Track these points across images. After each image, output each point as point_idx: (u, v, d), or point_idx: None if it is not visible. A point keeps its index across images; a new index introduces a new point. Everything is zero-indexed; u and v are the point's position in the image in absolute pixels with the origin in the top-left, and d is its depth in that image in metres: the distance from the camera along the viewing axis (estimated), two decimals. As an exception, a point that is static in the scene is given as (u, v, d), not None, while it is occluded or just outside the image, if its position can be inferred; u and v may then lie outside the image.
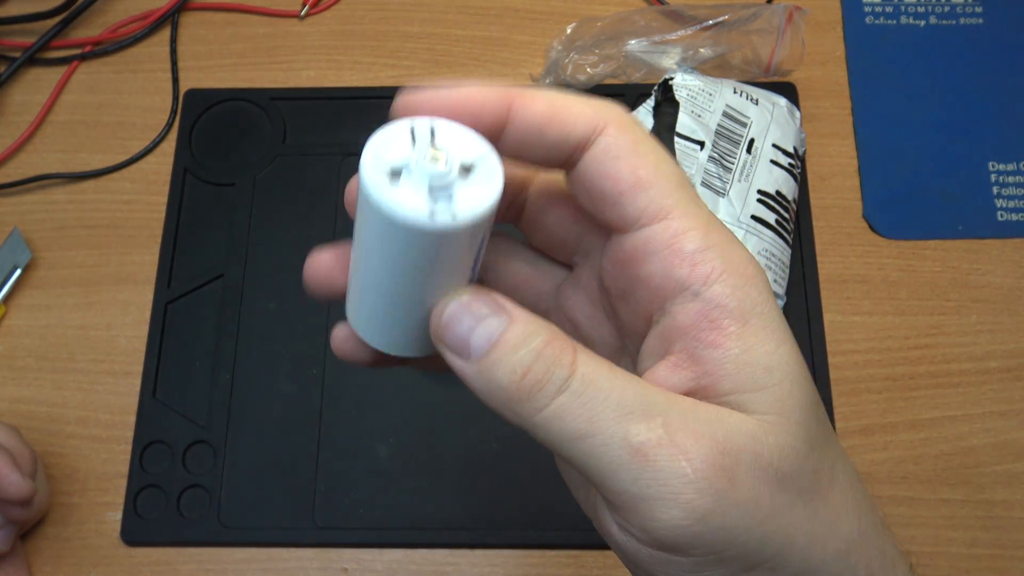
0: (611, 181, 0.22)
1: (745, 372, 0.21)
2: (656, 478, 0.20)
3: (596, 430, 0.20)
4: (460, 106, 0.22)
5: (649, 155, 0.22)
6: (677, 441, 0.20)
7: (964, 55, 0.58)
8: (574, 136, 0.22)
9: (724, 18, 0.56)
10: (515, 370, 0.20)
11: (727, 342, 0.21)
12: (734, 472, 0.20)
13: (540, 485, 0.48)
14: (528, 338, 0.21)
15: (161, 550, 0.48)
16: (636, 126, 0.22)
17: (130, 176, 0.57)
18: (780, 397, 0.21)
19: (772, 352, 0.21)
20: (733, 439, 0.20)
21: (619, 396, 0.20)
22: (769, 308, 0.22)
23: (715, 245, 0.22)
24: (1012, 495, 0.48)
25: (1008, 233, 0.54)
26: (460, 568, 0.47)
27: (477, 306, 0.21)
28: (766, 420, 0.21)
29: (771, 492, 0.21)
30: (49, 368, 0.52)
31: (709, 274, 0.21)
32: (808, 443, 0.21)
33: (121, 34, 0.60)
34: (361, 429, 0.50)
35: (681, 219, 0.22)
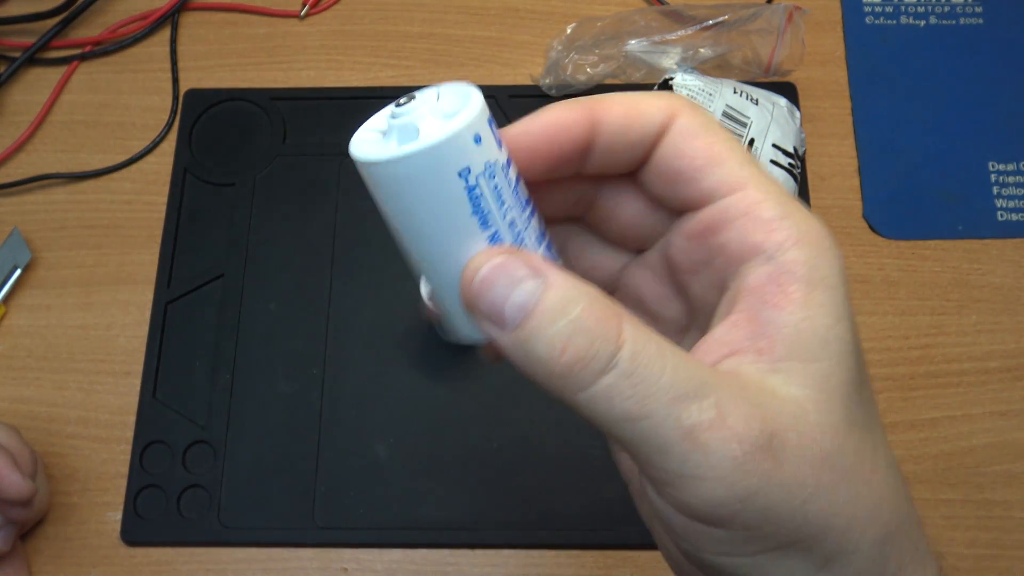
0: (688, 159, 0.23)
1: (801, 340, 0.21)
2: (706, 460, 0.19)
3: (647, 412, 0.19)
4: (547, 134, 0.23)
5: (721, 132, 0.23)
6: (729, 423, 0.20)
7: (964, 55, 0.58)
8: (652, 128, 0.23)
9: (724, 18, 0.56)
10: (553, 344, 0.19)
11: (790, 306, 0.21)
12: (781, 452, 0.20)
13: (540, 485, 0.48)
14: (568, 305, 0.20)
15: (161, 550, 0.48)
16: (703, 111, 0.24)
17: (130, 176, 0.57)
18: (827, 373, 0.21)
19: (831, 326, 0.21)
20: (780, 418, 0.20)
21: (671, 376, 0.20)
22: (837, 282, 0.22)
23: (791, 214, 0.22)
24: (1012, 495, 0.48)
25: (1008, 233, 0.54)
26: (460, 568, 0.47)
27: (512, 267, 0.20)
28: (810, 397, 0.21)
29: (816, 471, 0.20)
30: (49, 368, 0.52)
31: (784, 240, 0.22)
32: (849, 424, 0.21)
33: (121, 34, 0.60)
34: (361, 429, 0.50)
35: (757, 189, 0.22)
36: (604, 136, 0.23)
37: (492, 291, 0.20)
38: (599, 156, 0.23)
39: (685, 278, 0.24)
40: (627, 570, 0.47)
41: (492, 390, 0.50)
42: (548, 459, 0.49)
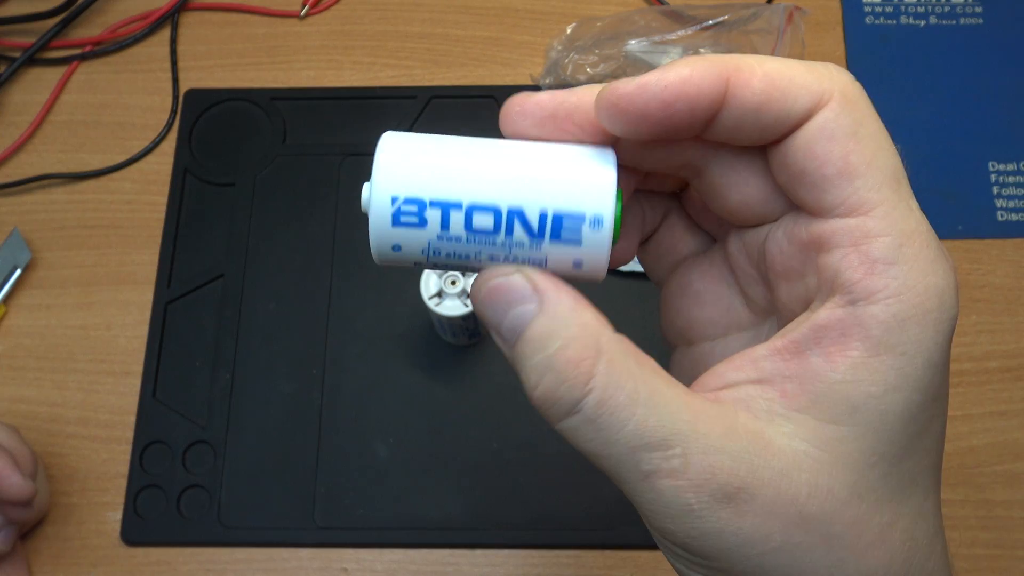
0: (818, 163, 0.20)
1: (829, 400, 0.20)
2: (660, 500, 0.20)
3: (608, 454, 0.20)
4: (675, 96, 0.20)
5: (868, 140, 0.20)
6: (690, 475, 0.20)
7: (964, 55, 0.58)
8: (795, 114, 0.20)
9: (724, 18, 0.56)
10: (530, 376, 0.20)
11: (838, 364, 0.20)
12: (745, 506, 0.20)
13: (540, 485, 0.48)
14: (548, 340, 0.20)
15: (161, 550, 0.48)
16: (861, 103, 0.20)
17: (130, 176, 0.57)
18: (844, 439, 0.20)
19: (875, 395, 0.20)
20: (757, 473, 0.20)
21: (636, 425, 0.19)
22: (919, 351, 0.20)
23: (906, 261, 0.20)
24: (1012, 495, 0.48)
25: (1008, 233, 0.54)
26: (460, 568, 0.47)
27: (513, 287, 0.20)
28: (811, 456, 0.20)
29: (786, 529, 0.20)
30: (49, 368, 0.52)
31: (878, 291, 0.20)
32: (854, 492, 0.20)
33: (121, 34, 0.60)
34: (361, 429, 0.50)
35: (881, 220, 0.20)
36: (734, 111, 0.20)
37: (492, 308, 0.20)
38: (723, 130, 0.21)
39: (773, 278, 0.23)
40: (627, 570, 0.47)
41: (492, 390, 0.50)
42: (548, 459, 0.49)
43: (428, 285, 0.47)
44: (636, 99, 0.20)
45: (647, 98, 0.20)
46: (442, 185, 0.21)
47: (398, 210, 0.21)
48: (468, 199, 0.21)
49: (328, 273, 0.53)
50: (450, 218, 0.21)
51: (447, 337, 0.51)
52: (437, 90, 0.57)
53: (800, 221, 0.21)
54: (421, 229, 0.21)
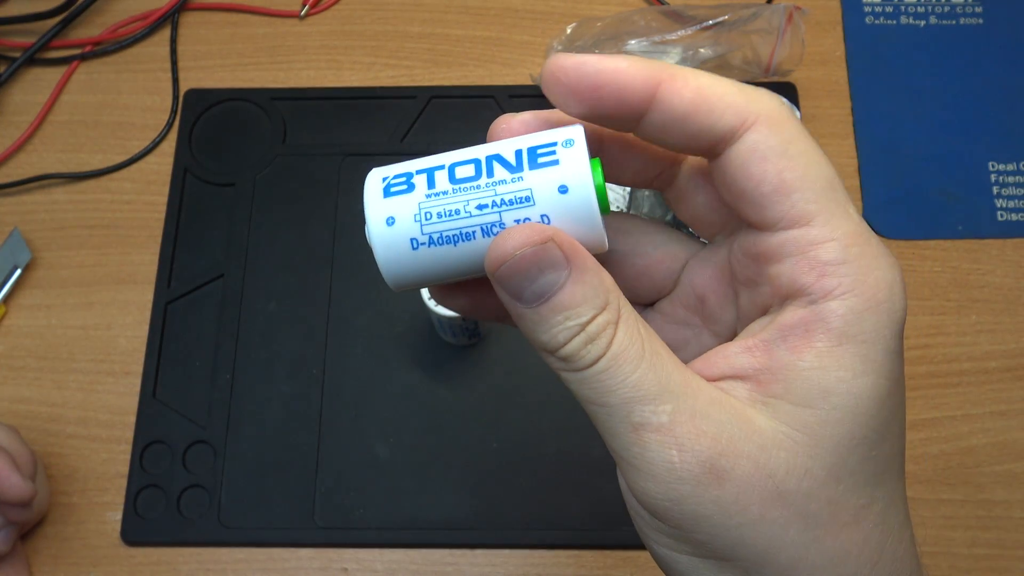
0: (753, 182, 0.21)
1: (802, 386, 0.21)
2: (643, 455, 0.21)
3: (607, 401, 0.21)
4: (606, 81, 0.21)
5: (799, 157, 0.21)
6: (676, 432, 0.21)
7: (964, 55, 0.58)
8: (718, 129, 0.21)
9: (724, 18, 0.56)
10: (555, 337, 0.21)
11: (807, 354, 0.21)
12: (725, 474, 0.21)
13: (540, 485, 0.48)
14: (579, 306, 0.21)
15: (161, 550, 0.48)
16: (789, 123, 0.22)
17: (130, 176, 0.57)
18: (821, 422, 0.21)
19: (844, 379, 0.21)
20: (737, 444, 0.21)
21: (638, 379, 0.21)
22: (877, 339, 0.21)
23: (853, 260, 0.21)
24: (1012, 495, 0.48)
25: (1008, 233, 0.54)
26: (460, 568, 0.47)
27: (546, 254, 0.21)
28: (790, 437, 0.21)
29: (764, 503, 0.21)
30: (49, 368, 0.52)
31: (832, 288, 0.21)
32: (832, 474, 0.21)
33: (121, 34, 0.60)
34: (361, 429, 0.50)
35: (822, 227, 0.21)
36: (661, 113, 0.22)
37: (519, 276, 0.21)
38: (651, 130, 0.22)
39: (737, 287, 0.24)
40: (627, 570, 0.47)
41: (492, 390, 0.50)
42: (548, 459, 0.49)
43: (428, 285, 0.47)
44: (571, 73, 0.22)
45: (580, 75, 0.22)
46: (426, 162, 0.23)
47: (388, 184, 0.23)
48: (449, 161, 0.23)
49: (328, 273, 0.53)
50: (435, 177, 0.23)
51: (447, 337, 0.51)
52: (437, 90, 0.57)
53: (750, 236, 0.23)
54: (409, 193, 0.23)
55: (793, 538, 0.21)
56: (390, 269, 0.24)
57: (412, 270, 0.23)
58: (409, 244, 0.23)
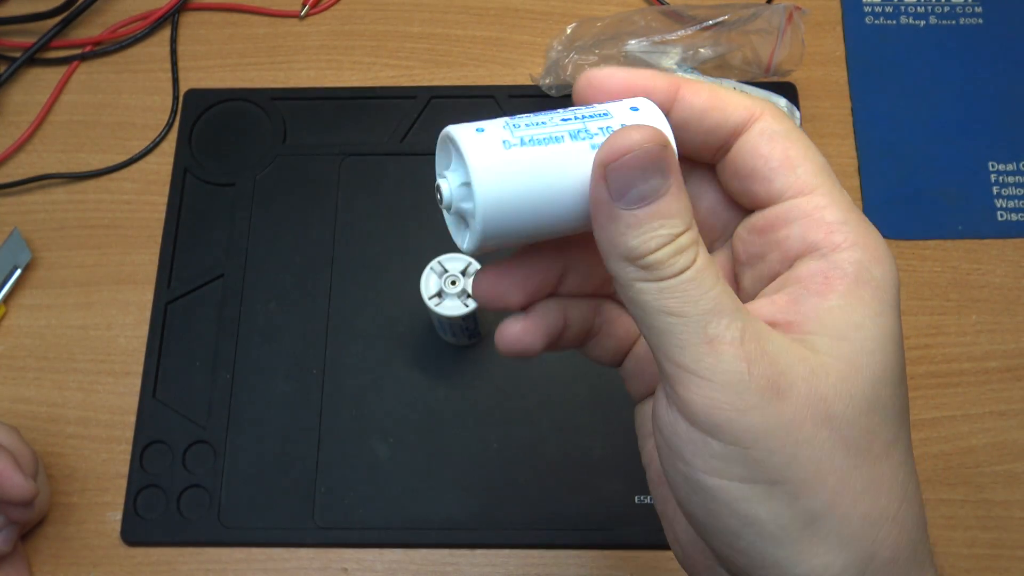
0: (763, 159, 0.24)
1: (835, 321, 0.23)
2: (716, 365, 0.22)
3: (684, 312, 0.22)
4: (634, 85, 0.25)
5: (800, 140, 0.25)
6: (746, 348, 0.22)
7: (964, 55, 0.58)
8: (732, 121, 0.25)
9: (724, 18, 0.56)
10: (647, 243, 0.22)
11: (831, 295, 0.23)
12: (786, 392, 0.22)
13: (540, 485, 0.48)
14: (674, 218, 0.22)
15: (161, 550, 0.48)
16: (788, 118, 0.25)
17: (130, 176, 0.57)
18: (858, 352, 0.23)
19: (870, 315, 0.23)
20: (795, 369, 0.22)
21: (716, 295, 0.22)
22: (888, 286, 0.23)
23: (853, 221, 0.24)
24: (1012, 495, 0.48)
25: (1008, 233, 0.54)
26: (460, 568, 0.47)
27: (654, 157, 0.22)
28: (834, 364, 0.22)
29: (816, 424, 0.22)
30: (49, 368, 0.52)
31: (841, 242, 0.23)
32: (871, 404, 0.23)
33: (121, 34, 0.60)
34: (361, 429, 0.50)
35: (825, 196, 0.24)
36: (681, 110, 0.25)
37: (629, 171, 0.22)
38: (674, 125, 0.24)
39: (739, 269, 0.26)
40: (627, 570, 0.47)
41: (492, 390, 0.50)
42: (548, 459, 0.49)
43: (428, 285, 0.47)
44: (604, 82, 0.25)
45: (611, 83, 0.25)
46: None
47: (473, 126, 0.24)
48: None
49: (328, 273, 0.53)
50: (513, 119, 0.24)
51: (447, 337, 0.51)
52: (437, 90, 0.57)
53: (756, 216, 0.25)
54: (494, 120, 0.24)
55: (839, 462, 0.22)
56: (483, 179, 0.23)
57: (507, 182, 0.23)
58: (501, 144, 0.23)
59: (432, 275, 0.47)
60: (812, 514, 0.22)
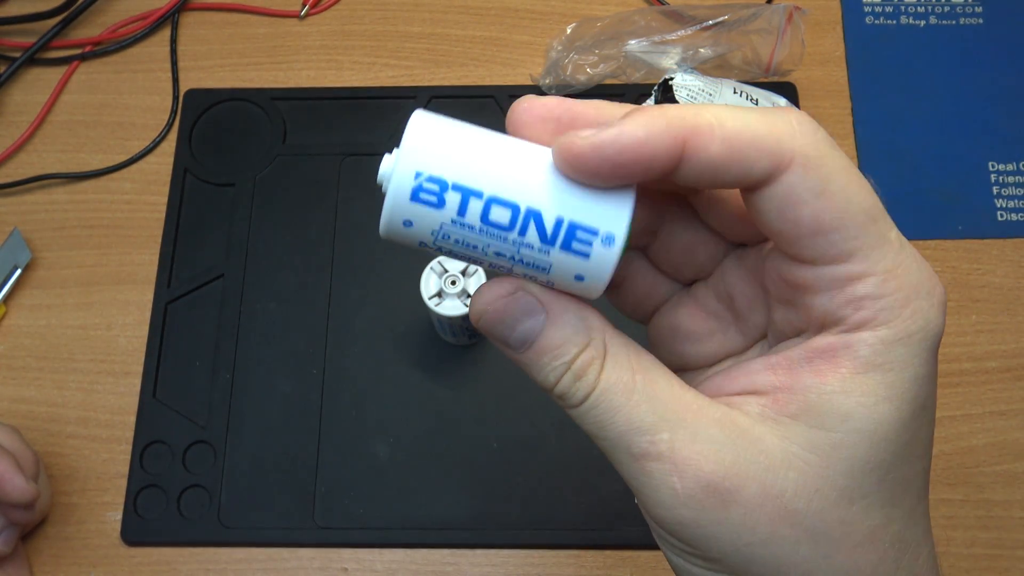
0: (791, 225, 0.21)
1: (820, 409, 0.21)
2: (649, 484, 0.22)
3: (605, 435, 0.22)
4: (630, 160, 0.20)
5: (837, 195, 0.21)
6: (676, 459, 0.21)
7: (964, 55, 0.58)
8: (753, 177, 0.21)
9: (724, 18, 0.56)
10: (547, 378, 0.23)
11: (829, 377, 0.21)
12: (730, 496, 0.21)
13: (540, 485, 0.48)
14: (560, 347, 0.22)
15: (161, 550, 0.48)
16: (826, 158, 0.21)
17: (130, 176, 0.57)
18: (837, 445, 0.21)
19: (865, 405, 0.21)
20: (742, 466, 0.21)
21: (631, 411, 0.22)
22: (906, 367, 0.21)
23: (890, 294, 0.21)
24: (1012, 495, 0.48)
25: (1008, 233, 0.54)
26: (460, 568, 0.47)
27: (517, 304, 0.22)
28: (800, 457, 0.21)
29: (772, 522, 0.21)
30: (49, 368, 0.52)
31: (865, 320, 0.21)
32: (844, 495, 0.21)
33: (121, 34, 0.60)
34: (361, 429, 0.50)
35: (861, 263, 0.21)
36: (691, 171, 0.21)
37: (501, 324, 0.22)
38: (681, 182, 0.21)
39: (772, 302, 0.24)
40: (627, 570, 0.47)
41: (492, 390, 0.50)
42: (548, 459, 0.49)
43: (428, 285, 0.47)
44: (592, 157, 0.21)
45: (601, 159, 0.21)
46: (467, 172, 0.21)
47: (419, 185, 0.21)
48: (490, 191, 0.21)
49: (328, 273, 0.53)
50: (468, 205, 0.21)
51: (447, 337, 0.51)
52: (437, 90, 0.57)
53: (786, 262, 0.22)
54: (437, 210, 0.21)
55: (804, 555, 0.22)
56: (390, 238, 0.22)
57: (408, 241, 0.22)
58: (417, 243, 0.22)
59: (432, 275, 0.47)
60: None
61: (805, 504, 0.21)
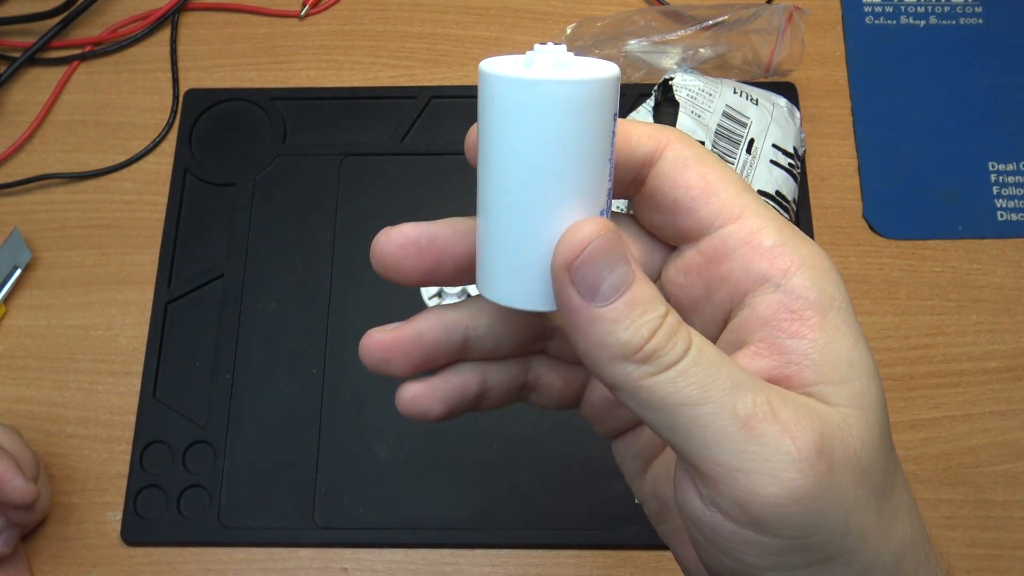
0: (683, 189, 0.23)
1: (829, 363, 0.21)
2: (761, 452, 0.20)
3: (708, 398, 0.20)
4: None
5: (714, 163, 0.23)
6: (782, 419, 0.20)
7: (964, 55, 0.58)
8: (640, 153, 0.23)
9: (724, 18, 0.56)
10: (640, 330, 0.20)
11: (811, 332, 0.21)
12: (831, 457, 0.20)
13: (540, 485, 0.48)
14: (654, 300, 0.21)
15: (161, 550, 0.48)
16: (695, 141, 0.24)
17: (130, 176, 0.57)
18: (860, 392, 0.21)
19: (852, 346, 0.22)
20: (828, 426, 0.20)
21: (729, 370, 0.20)
22: (845, 302, 0.22)
23: (790, 240, 0.22)
24: (1012, 495, 0.48)
25: (1008, 233, 0.54)
26: (460, 568, 0.47)
27: (617, 247, 0.21)
28: (849, 413, 0.21)
29: (855, 483, 0.21)
30: (49, 368, 0.52)
31: (788, 267, 0.22)
32: (883, 441, 0.22)
33: (121, 34, 0.60)
34: (361, 429, 0.50)
35: (754, 218, 0.22)
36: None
37: (596, 263, 0.20)
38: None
39: (686, 315, 0.24)
40: (627, 570, 0.47)
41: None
42: (548, 459, 0.49)
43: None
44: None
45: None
46: None
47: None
48: None
49: (328, 273, 0.53)
50: None
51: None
52: (437, 90, 0.57)
53: (686, 254, 0.24)
54: None
55: (874, 514, 0.21)
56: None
57: None
58: None
59: (432, 275, 0.47)
60: (860, 573, 0.21)
61: (870, 459, 0.21)
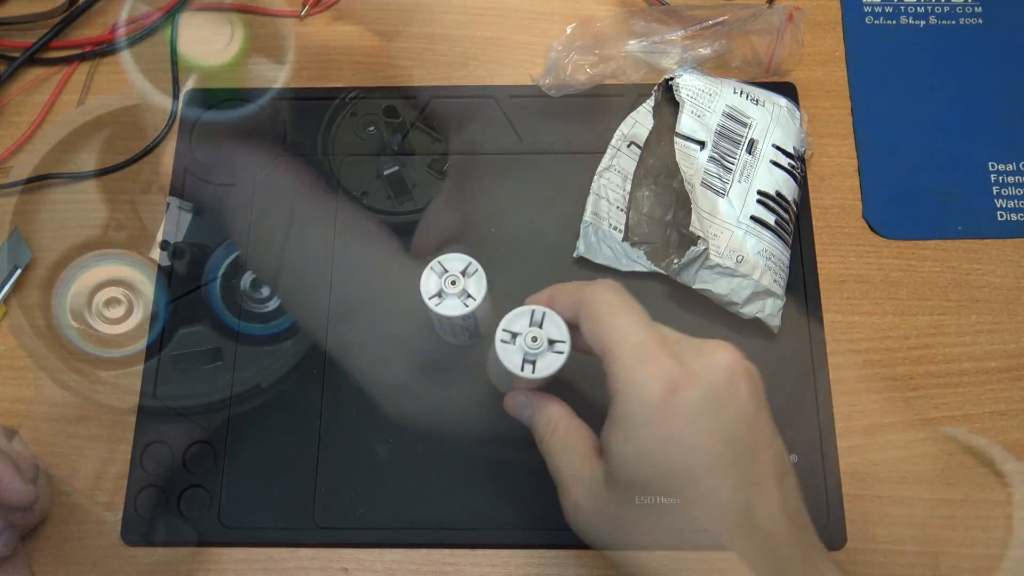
0: (593, 337, 0.39)
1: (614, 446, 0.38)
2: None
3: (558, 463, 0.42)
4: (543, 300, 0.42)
5: (612, 317, 0.39)
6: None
7: (964, 55, 0.58)
8: (567, 316, 0.41)
9: (724, 18, 0.56)
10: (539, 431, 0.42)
11: (611, 437, 0.39)
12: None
13: (540, 485, 0.48)
14: (546, 423, 0.42)
15: (161, 550, 0.48)
16: (605, 295, 0.40)
17: (130, 176, 0.57)
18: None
19: (618, 440, 0.38)
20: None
21: (574, 442, 0.41)
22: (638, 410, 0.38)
23: (630, 374, 0.38)
24: (1012, 495, 0.48)
25: (1008, 233, 0.54)
26: (460, 568, 0.47)
27: (528, 399, 0.43)
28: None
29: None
30: (49, 368, 0.52)
31: (616, 392, 0.38)
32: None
33: (121, 34, 0.60)
34: (361, 429, 0.50)
35: (619, 353, 0.38)
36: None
37: (517, 411, 0.44)
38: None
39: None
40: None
41: (492, 390, 0.50)
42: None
43: (428, 285, 0.47)
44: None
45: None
46: None
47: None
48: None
49: (328, 273, 0.53)
50: None
51: (447, 337, 0.51)
52: (437, 90, 0.57)
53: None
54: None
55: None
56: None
57: None
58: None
59: (432, 275, 0.47)
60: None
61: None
